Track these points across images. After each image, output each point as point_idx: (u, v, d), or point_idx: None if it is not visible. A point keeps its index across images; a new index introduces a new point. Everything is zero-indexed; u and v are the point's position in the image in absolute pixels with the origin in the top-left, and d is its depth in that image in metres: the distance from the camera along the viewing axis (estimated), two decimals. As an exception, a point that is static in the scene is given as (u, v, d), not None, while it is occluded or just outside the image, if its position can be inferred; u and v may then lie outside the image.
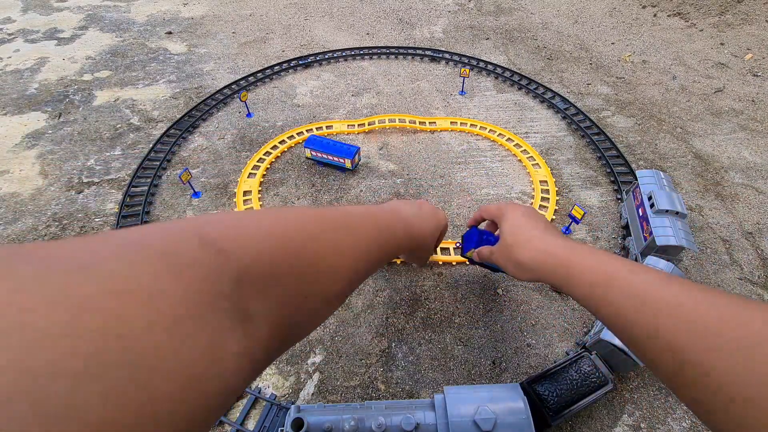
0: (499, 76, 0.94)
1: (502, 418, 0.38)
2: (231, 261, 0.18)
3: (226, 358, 0.16)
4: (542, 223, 0.42)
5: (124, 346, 0.12)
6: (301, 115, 0.85)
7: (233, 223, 0.21)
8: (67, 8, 1.25)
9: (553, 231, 0.41)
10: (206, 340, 0.15)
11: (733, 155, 0.77)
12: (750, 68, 0.97)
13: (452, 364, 0.51)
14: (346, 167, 0.72)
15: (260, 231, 0.22)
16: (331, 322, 0.54)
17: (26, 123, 0.84)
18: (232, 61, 1.01)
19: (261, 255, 0.20)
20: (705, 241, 0.63)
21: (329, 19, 1.19)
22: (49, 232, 0.65)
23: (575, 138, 0.80)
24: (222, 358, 0.16)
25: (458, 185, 0.71)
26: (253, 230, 0.22)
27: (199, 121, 0.83)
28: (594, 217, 0.67)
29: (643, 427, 0.46)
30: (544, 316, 0.55)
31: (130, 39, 1.11)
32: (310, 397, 0.48)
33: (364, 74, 0.96)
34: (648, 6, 1.21)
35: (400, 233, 0.38)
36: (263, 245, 0.21)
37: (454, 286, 0.58)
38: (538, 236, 0.39)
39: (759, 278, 0.59)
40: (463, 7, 1.24)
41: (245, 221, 0.22)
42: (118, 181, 0.73)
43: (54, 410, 0.10)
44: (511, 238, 0.42)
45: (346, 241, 0.28)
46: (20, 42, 1.09)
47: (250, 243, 0.20)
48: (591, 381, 0.43)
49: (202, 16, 1.21)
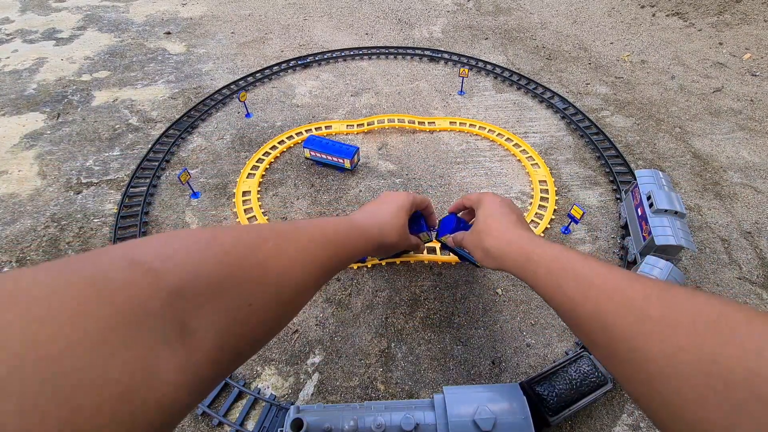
0: (498, 76, 0.94)
1: (502, 418, 0.38)
2: (163, 279, 0.19)
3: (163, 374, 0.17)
4: (515, 216, 0.43)
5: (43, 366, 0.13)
6: (300, 115, 0.85)
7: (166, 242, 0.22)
8: (66, 8, 1.24)
9: (523, 225, 0.42)
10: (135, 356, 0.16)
11: (732, 155, 0.77)
12: (748, 68, 0.97)
13: (452, 364, 0.51)
14: (345, 167, 0.72)
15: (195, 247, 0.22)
16: (331, 322, 0.54)
17: (25, 123, 0.84)
18: (231, 62, 1.01)
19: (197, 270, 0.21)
20: (704, 241, 0.63)
21: (328, 19, 1.18)
22: (48, 232, 0.65)
23: (574, 138, 0.80)
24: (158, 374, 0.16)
25: (457, 185, 0.71)
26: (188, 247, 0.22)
27: (198, 122, 0.83)
28: (593, 216, 0.67)
29: (642, 427, 0.46)
30: (544, 315, 0.55)
31: (128, 39, 1.10)
32: (310, 398, 0.48)
33: (363, 74, 0.96)
34: (647, 6, 1.21)
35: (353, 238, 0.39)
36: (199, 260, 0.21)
37: (454, 286, 0.58)
38: (507, 227, 0.41)
39: (758, 277, 0.59)
40: (462, 7, 1.24)
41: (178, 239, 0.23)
42: (116, 181, 0.73)
43: None
44: (482, 225, 0.43)
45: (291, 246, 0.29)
46: (18, 42, 1.09)
47: (184, 260, 0.21)
48: (590, 381, 0.43)
49: (200, 16, 1.21)
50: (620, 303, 0.25)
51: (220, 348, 0.21)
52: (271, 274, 0.26)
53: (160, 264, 0.19)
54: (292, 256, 0.28)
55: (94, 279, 0.17)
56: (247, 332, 0.23)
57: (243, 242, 0.25)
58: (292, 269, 0.28)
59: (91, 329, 0.15)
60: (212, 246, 0.23)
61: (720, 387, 0.18)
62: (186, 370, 0.18)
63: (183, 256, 0.21)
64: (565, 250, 0.34)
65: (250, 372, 0.50)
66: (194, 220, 0.66)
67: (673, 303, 0.23)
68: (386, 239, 0.45)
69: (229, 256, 0.23)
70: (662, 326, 0.22)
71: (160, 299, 0.18)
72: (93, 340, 0.15)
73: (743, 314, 0.20)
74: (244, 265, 0.24)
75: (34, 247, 0.63)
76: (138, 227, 0.64)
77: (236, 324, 0.22)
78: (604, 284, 0.28)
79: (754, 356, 0.18)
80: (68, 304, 0.15)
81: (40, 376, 0.13)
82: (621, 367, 0.25)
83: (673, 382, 0.20)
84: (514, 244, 0.38)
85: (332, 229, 0.36)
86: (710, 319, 0.21)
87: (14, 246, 0.63)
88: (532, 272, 0.35)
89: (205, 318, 0.20)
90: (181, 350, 0.18)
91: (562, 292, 0.31)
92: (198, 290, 0.20)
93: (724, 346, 0.19)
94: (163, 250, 0.21)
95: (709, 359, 0.19)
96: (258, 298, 0.24)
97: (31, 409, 0.12)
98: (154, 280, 0.18)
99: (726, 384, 0.18)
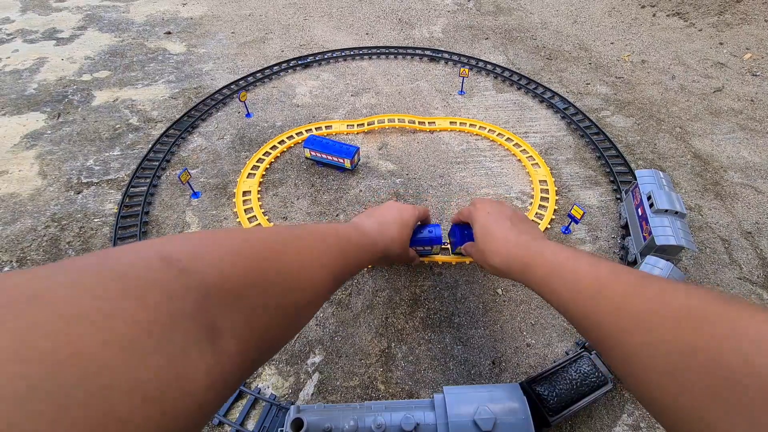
0: (499, 76, 0.94)
1: (502, 418, 0.38)
2: (195, 279, 0.19)
3: (193, 375, 0.16)
4: (507, 222, 0.43)
5: (75, 367, 0.13)
6: (301, 115, 0.85)
7: (199, 242, 0.22)
8: (66, 8, 1.24)
9: (517, 227, 0.43)
10: (168, 358, 0.15)
11: (732, 155, 0.77)
12: (749, 68, 0.97)
13: (452, 364, 0.51)
14: (345, 167, 0.72)
15: (226, 248, 0.23)
16: (331, 322, 0.54)
17: (25, 123, 0.84)
18: (232, 61, 1.01)
19: (228, 272, 0.21)
20: (704, 241, 0.63)
21: (328, 19, 1.18)
22: (48, 232, 0.65)
23: (574, 138, 0.80)
24: (188, 376, 0.16)
25: (458, 185, 0.71)
26: (220, 248, 0.22)
27: (198, 122, 0.83)
28: (593, 216, 0.67)
29: (642, 427, 0.46)
30: (544, 315, 0.55)
31: (129, 39, 1.11)
32: (310, 398, 0.48)
33: (363, 74, 0.96)
34: (647, 6, 1.21)
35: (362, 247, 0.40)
36: (230, 262, 0.22)
37: (454, 286, 0.58)
38: (502, 238, 0.42)
39: (758, 278, 0.59)
40: (462, 7, 1.24)
41: (211, 240, 0.23)
42: (117, 181, 0.73)
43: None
44: (481, 243, 0.44)
45: (311, 254, 0.29)
46: (19, 42, 1.09)
47: (215, 261, 0.21)
48: (590, 381, 0.43)
49: (201, 16, 1.21)
50: (605, 302, 0.27)
51: (245, 350, 0.21)
52: (291, 279, 0.26)
53: (193, 263, 0.19)
54: (310, 263, 0.29)
55: (126, 277, 0.16)
56: (268, 335, 0.24)
57: (270, 248, 0.26)
58: (311, 276, 0.28)
59: (122, 330, 0.14)
60: (244, 249, 0.23)
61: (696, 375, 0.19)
62: (214, 372, 0.18)
63: (215, 257, 0.21)
64: (558, 251, 0.35)
65: (251, 372, 0.50)
66: (195, 220, 0.66)
67: (652, 297, 0.24)
68: (391, 253, 0.46)
69: (257, 261, 0.24)
70: (642, 321, 0.23)
71: (192, 299, 0.18)
72: (125, 341, 0.14)
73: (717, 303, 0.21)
74: (270, 270, 0.24)
75: (34, 247, 0.63)
76: (138, 227, 0.64)
77: (260, 327, 0.22)
78: (589, 284, 0.29)
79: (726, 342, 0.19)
80: (99, 304, 0.15)
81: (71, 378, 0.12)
82: (613, 362, 0.26)
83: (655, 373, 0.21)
84: (512, 255, 0.40)
85: (346, 238, 0.37)
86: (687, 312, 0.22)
87: (15, 246, 0.63)
88: (531, 279, 0.36)
89: (231, 320, 0.20)
90: (210, 352, 0.18)
91: (556, 294, 0.32)
92: (226, 292, 0.20)
93: (699, 337, 0.20)
94: (196, 249, 0.21)
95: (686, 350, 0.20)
96: (279, 303, 0.25)
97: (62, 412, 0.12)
98: (186, 280, 0.18)
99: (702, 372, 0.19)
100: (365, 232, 0.43)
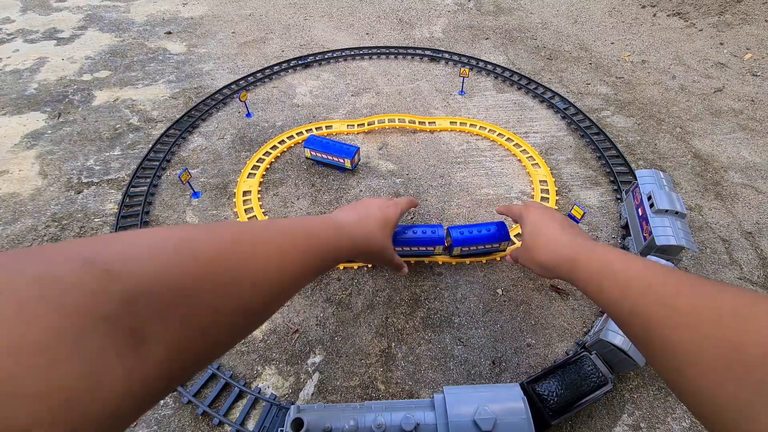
0: (499, 76, 0.94)
1: (502, 418, 0.38)
2: (119, 282, 0.18)
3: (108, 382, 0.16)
4: (557, 224, 0.44)
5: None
6: (301, 115, 0.85)
7: (129, 242, 0.21)
8: (67, 8, 1.24)
9: (567, 230, 0.43)
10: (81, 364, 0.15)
11: (733, 155, 0.77)
12: (749, 68, 0.97)
13: (452, 364, 0.51)
14: (345, 167, 0.72)
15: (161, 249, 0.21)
16: (331, 322, 0.54)
17: (25, 123, 0.84)
18: (232, 61, 1.01)
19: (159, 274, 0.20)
20: (704, 241, 0.63)
21: (329, 19, 1.18)
22: (48, 232, 0.65)
23: (575, 138, 0.80)
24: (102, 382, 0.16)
25: (458, 185, 0.71)
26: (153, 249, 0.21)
27: (198, 121, 0.83)
28: (593, 216, 0.67)
29: (642, 427, 0.46)
30: (544, 316, 0.55)
31: (129, 39, 1.11)
32: (310, 397, 0.48)
33: (363, 74, 0.96)
34: (647, 6, 1.21)
35: (336, 240, 0.38)
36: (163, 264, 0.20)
37: (454, 286, 0.58)
38: (553, 238, 0.43)
39: (758, 278, 0.59)
40: (462, 7, 1.24)
41: (145, 240, 0.22)
42: (117, 181, 0.73)
43: None
44: (530, 242, 0.45)
45: (267, 248, 0.28)
46: (19, 42, 1.09)
47: (145, 263, 0.19)
48: (591, 381, 0.43)
49: (201, 16, 1.21)
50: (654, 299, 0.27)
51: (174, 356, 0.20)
52: (242, 277, 0.25)
53: (119, 265, 0.18)
54: (267, 258, 0.27)
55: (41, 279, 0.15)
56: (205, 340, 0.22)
57: (215, 245, 0.24)
58: (267, 271, 0.27)
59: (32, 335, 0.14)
60: (181, 249, 0.22)
61: (740, 370, 0.20)
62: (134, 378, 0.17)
63: (145, 259, 0.20)
64: (609, 250, 0.36)
65: (251, 372, 0.50)
66: (195, 219, 0.66)
67: (701, 296, 0.25)
68: (371, 248, 0.45)
69: (198, 261, 0.22)
70: (690, 318, 0.24)
71: (112, 303, 0.17)
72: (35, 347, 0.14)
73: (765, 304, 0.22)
74: (214, 270, 0.23)
75: (34, 247, 0.63)
76: (138, 227, 0.64)
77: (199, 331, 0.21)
78: (640, 282, 0.29)
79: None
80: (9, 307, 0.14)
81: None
82: (656, 357, 0.26)
83: (699, 368, 0.22)
84: (561, 253, 0.40)
85: (316, 229, 0.36)
86: (733, 311, 0.22)
87: (15, 245, 0.63)
88: (579, 278, 0.37)
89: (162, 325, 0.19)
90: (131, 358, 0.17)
91: (605, 291, 0.32)
92: (158, 296, 0.19)
93: (744, 334, 0.21)
94: (124, 250, 0.20)
95: (731, 346, 0.21)
96: (226, 303, 0.23)
97: None
98: (107, 283, 0.17)
99: (745, 367, 0.20)
100: (341, 224, 0.42)
